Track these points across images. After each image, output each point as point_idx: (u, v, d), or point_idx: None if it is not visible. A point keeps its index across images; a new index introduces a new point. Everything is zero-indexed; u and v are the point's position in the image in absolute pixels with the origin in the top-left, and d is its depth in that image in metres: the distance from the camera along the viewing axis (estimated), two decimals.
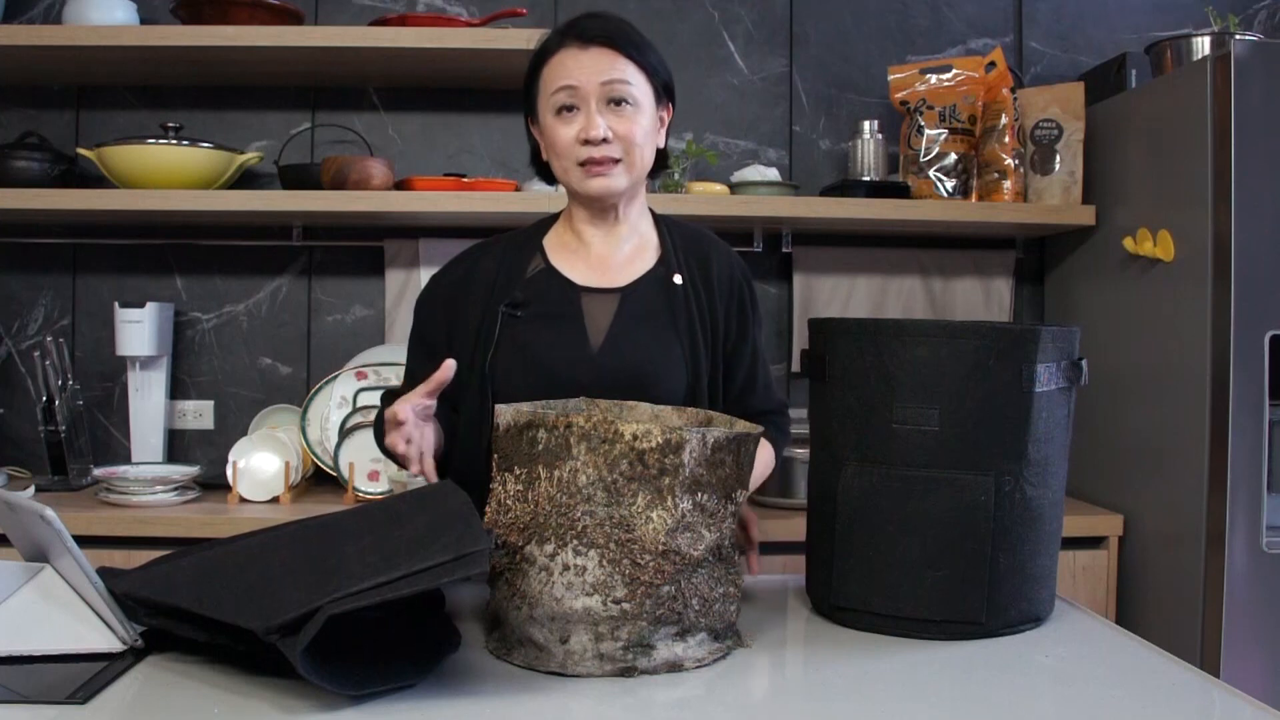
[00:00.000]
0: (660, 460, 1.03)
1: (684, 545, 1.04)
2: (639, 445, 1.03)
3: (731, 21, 2.67)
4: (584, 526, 1.03)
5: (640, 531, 1.02)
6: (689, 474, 1.04)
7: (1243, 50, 1.98)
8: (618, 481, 1.03)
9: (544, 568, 1.04)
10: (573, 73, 1.39)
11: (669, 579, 1.03)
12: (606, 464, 1.03)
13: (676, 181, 2.44)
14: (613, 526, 1.02)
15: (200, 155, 2.32)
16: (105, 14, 2.32)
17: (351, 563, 0.98)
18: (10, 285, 2.59)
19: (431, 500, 1.14)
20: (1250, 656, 1.98)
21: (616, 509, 1.03)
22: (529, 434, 1.07)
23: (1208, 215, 2.03)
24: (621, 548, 1.02)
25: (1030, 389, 1.18)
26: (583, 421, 1.04)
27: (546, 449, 1.05)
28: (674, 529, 1.03)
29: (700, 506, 1.05)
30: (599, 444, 1.03)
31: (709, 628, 1.09)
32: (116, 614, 1.01)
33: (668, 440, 1.03)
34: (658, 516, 1.03)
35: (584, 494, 1.03)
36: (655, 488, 1.03)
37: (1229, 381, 1.97)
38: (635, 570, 1.02)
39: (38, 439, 2.40)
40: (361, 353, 2.53)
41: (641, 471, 1.03)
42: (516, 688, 1.01)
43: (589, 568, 1.02)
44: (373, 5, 2.60)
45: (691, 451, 1.04)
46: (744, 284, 1.54)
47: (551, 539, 1.04)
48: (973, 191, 2.48)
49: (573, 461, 1.04)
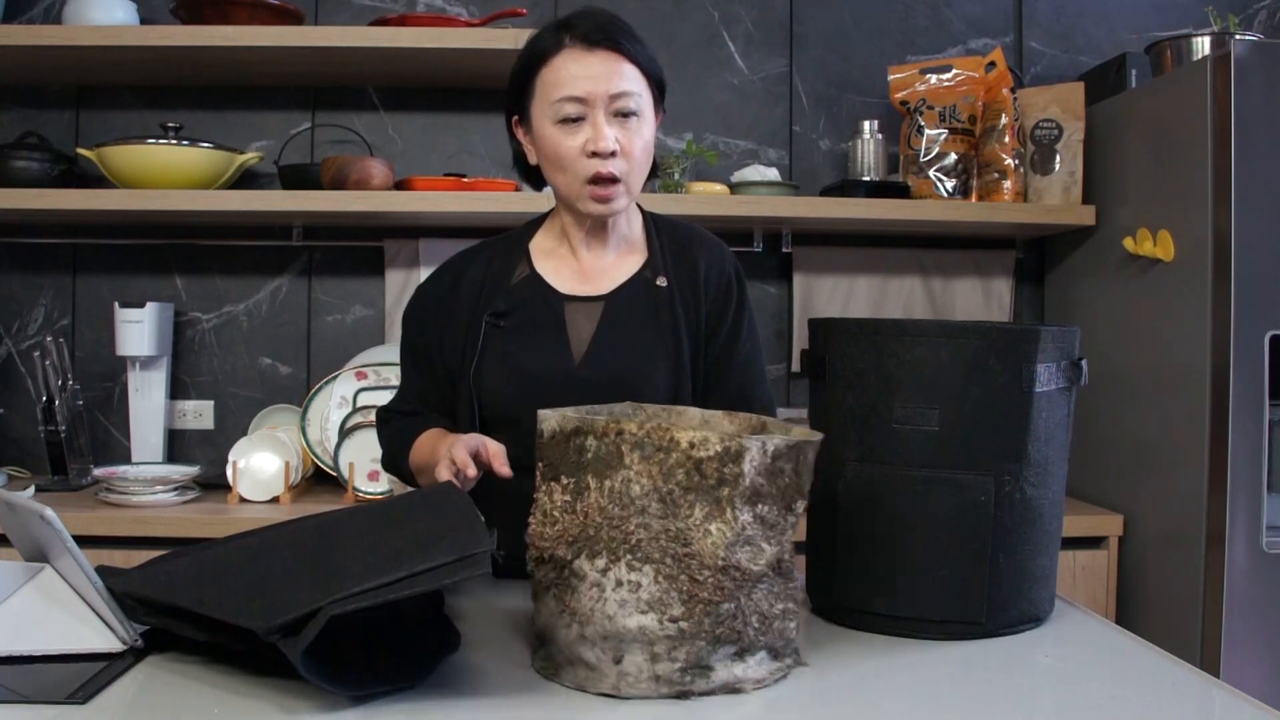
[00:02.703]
0: (719, 470, 0.97)
1: (744, 560, 0.98)
2: (696, 454, 0.97)
3: (731, 21, 2.67)
4: (638, 540, 0.97)
5: (698, 545, 0.97)
6: (749, 484, 0.98)
7: (1243, 50, 1.98)
8: (673, 492, 0.97)
9: (595, 583, 0.98)
10: (580, 82, 1.34)
11: (728, 596, 0.98)
12: (661, 473, 0.97)
13: (676, 181, 2.44)
14: (669, 540, 0.97)
15: (200, 155, 2.32)
16: (105, 14, 2.32)
17: (353, 563, 0.98)
18: (10, 285, 2.59)
19: (433, 501, 1.13)
20: (1250, 656, 1.98)
21: (672, 521, 0.97)
22: (576, 441, 1.01)
23: (1208, 215, 2.03)
24: (678, 563, 0.97)
25: (1030, 389, 1.18)
26: (635, 428, 0.98)
27: (596, 457, 1.00)
28: (734, 543, 0.97)
29: (760, 518, 0.99)
30: (653, 452, 0.98)
31: (769, 646, 1.03)
32: (116, 614, 1.01)
33: (727, 448, 0.96)
34: (716, 529, 0.97)
35: (637, 505, 0.97)
36: (714, 499, 0.97)
37: (1229, 381, 1.97)
38: (693, 587, 0.96)
39: (38, 439, 2.40)
40: (361, 353, 2.53)
41: (699, 482, 0.97)
42: (518, 689, 1.01)
43: (644, 584, 0.97)
44: (373, 5, 2.60)
45: (752, 460, 0.97)
46: (734, 282, 1.50)
47: (603, 553, 0.98)
48: (973, 191, 2.48)
49: (625, 471, 0.98)
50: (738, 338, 1.49)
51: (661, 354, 1.41)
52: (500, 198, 2.34)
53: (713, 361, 1.47)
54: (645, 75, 1.39)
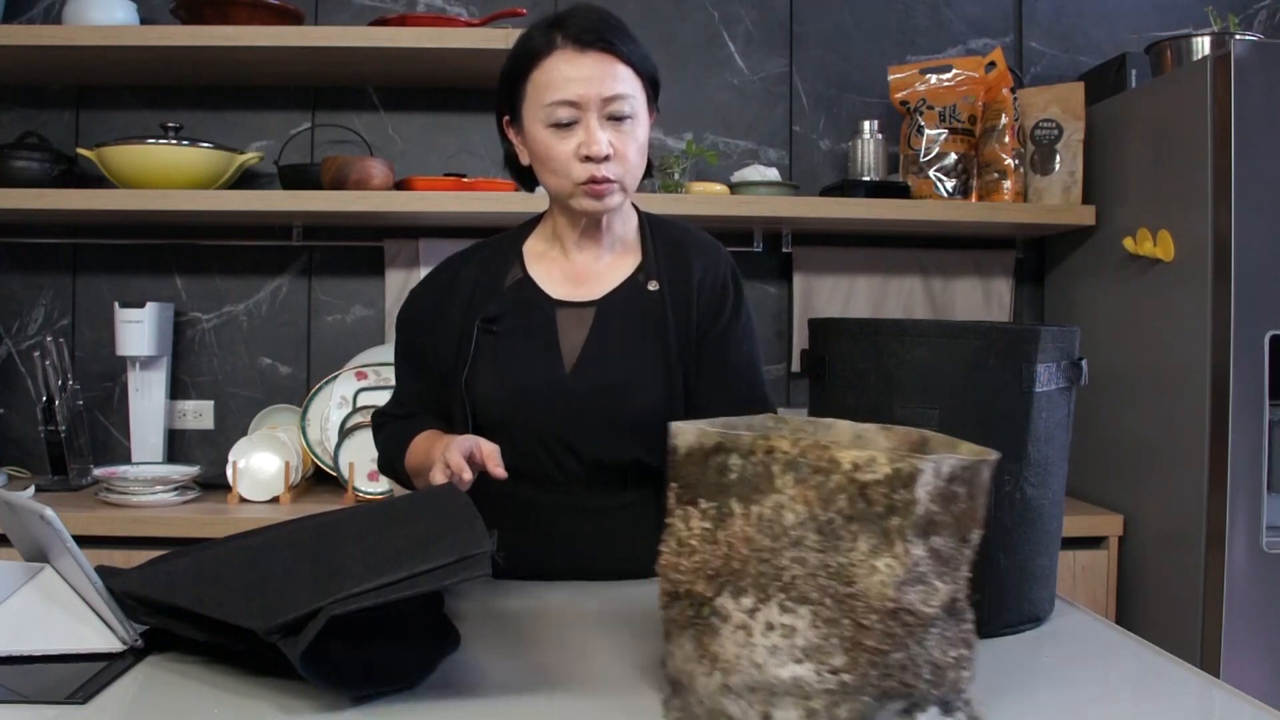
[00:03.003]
0: (888, 495, 0.83)
1: (916, 601, 0.84)
2: (861, 476, 0.83)
3: (731, 21, 2.67)
4: (793, 577, 0.85)
5: (863, 584, 0.83)
6: (923, 512, 0.83)
7: (1243, 50, 1.98)
8: (834, 521, 0.84)
9: (741, 625, 0.87)
10: (572, 85, 1.31)
11: (898, 643, 0.84)
12: (820, 499, 0.85)
13: (676, 181, 2.44)
14: (828, 577, 0.84)
15: (200, 155, 2.32)
16: (105, 14, 2.32)
17: (353, 563, 0.98)
18: (10, 285, 2.59)
19: (433, 501, 1.13)
20: (1250, 656, 1.98)
21: (833, 555, 0.84)
22: (717, 460, 0.90)
23: (1208, 215, 2.03)
24: (840, 604, 0.83)
25: (1030, 389, 1.18)
26: (788, 446, 0.86)
27: (742, 479, 0.88)
28: (905, 581, 0.83)
29: (935, 552, 0.85)
30: (810, 474, 0.85)
31: (941, 700, 0.90)
32: (116, 614, 1.01)
33: (897, 470, 0.83)
34: (885, 565, 0.83)
35: (791, 536, 0.85)
36: (881, 529, 0.83)
37: (1229, 381, 1.97)
38: (857, 633, 0.83)
39: (38, 439, 2.40)
40: (361, 353, 2.53)
41: (864, 510, 0.83)
42: (519, 690, 1.01)
43: (799, 628, 0.84)
44: (373, 5, 2.60)
45: (925, 484, 0.83)
46: (729, 284, 1.47)
47: (751, 590, 0.86)
48: (973, 191, 2.48)
49: (777, 495, 0.86)
50: (734, 339, 1.46)
51: (653, 362, 1.39)
52: (500, 198, 2.34)
53: (709, 363, 1.44)
54: (639, 75, 1.36)
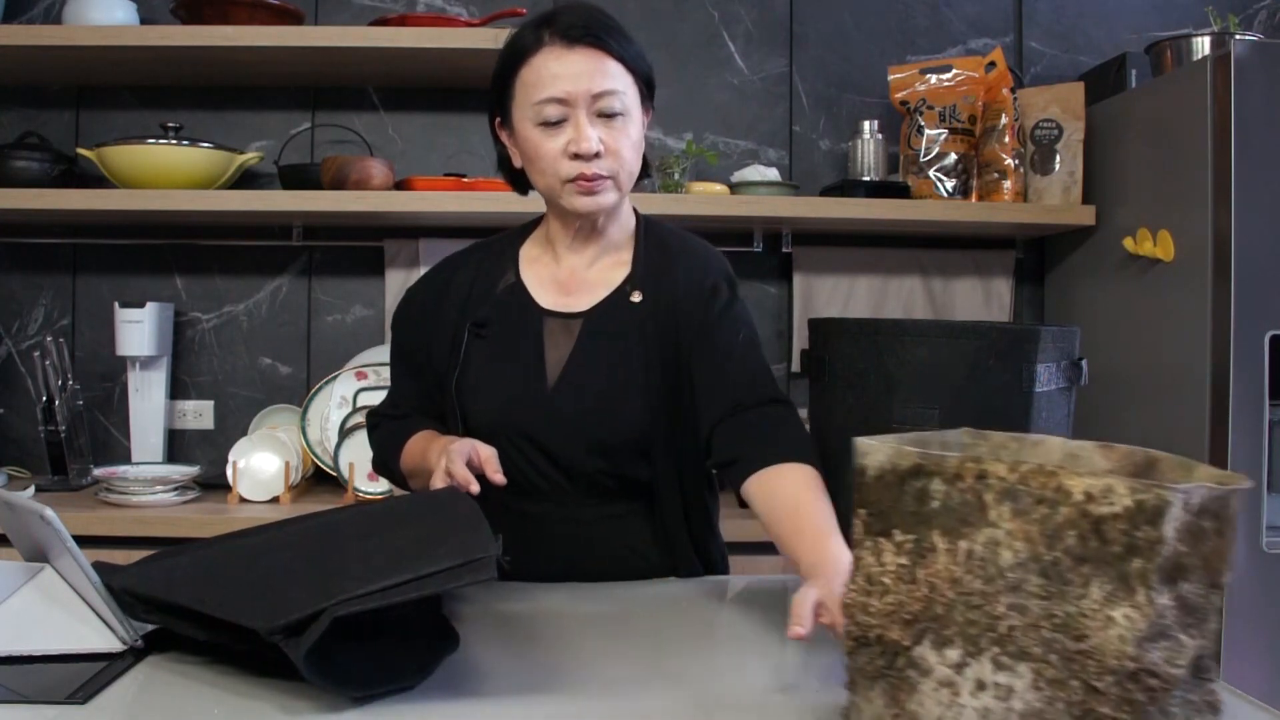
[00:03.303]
0: (1128, 533, 0.69)
1: (1160, 660, 0.70)
2: (1095, 510, 0.70)
3: (731, 21, 2.67)
4: (1010, 627, 0.73)
5: (1097, 639, 0.70)
6: (1170, 552, 0.70)
7: (1243, 50, 1.98)
8: (1061, 563, 0.71)
9: (945, 681, 0.75)
10: (560, 82, 1.28)
11: (1138, 711, 0.70)
12: (1044, 536, 0.72)
13: (676, 181, 2.44)
14: (1054, 629, 0.71)
15: (200, 155, 2.32)
16: (105, 14, 2.32)
17: (356, 564, 0.98)
18: (10, 285, 2.59)
19: (436, 504, 1.13)
20: (1250, 656, 1.98)
21: (1060, 604, 0.71)
22: (915, 485, 0.78)
23: (1208, 215, 2.03)
24: (1068, 662, 0.71)
25: (1030, 389, 1.18)
26: (1004, 471, 0.74)
27: (946, 508, 0.76)
28: (1147, 636, 0.69)
29: (1182, 601, 0.71)
30: (1031, 505, 0.72)
31: None
32: (116, 614, 1.01)
33: (1140, 503, 0.69)
34: (1124, 617, 0.70)
35: (1009, 579, 0.73)
36: (1119, 573, 0.70)
37: (1229, 381, 1.97)
38: (1089, 697, 0.70)
39: (38, 439, 2.40)
40: (361, 353, 2.53)
41: (1098, 549, 0.70)
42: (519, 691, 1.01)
43: (1017, 689, 0.72)
44: (373, 5, 2.60)
45: (1173, 520, 0.69)
46: (718, 287, 1.41)
47: (957, 641, 0.75)
48: (973, 191, 2.48)
49: (990, 529, 0.74)
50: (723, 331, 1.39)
51: (635, 378, 1.36)
52: (500, 198, 2.34)
53: (701, 361, 1.38)
54: (630, 71, 1.32)
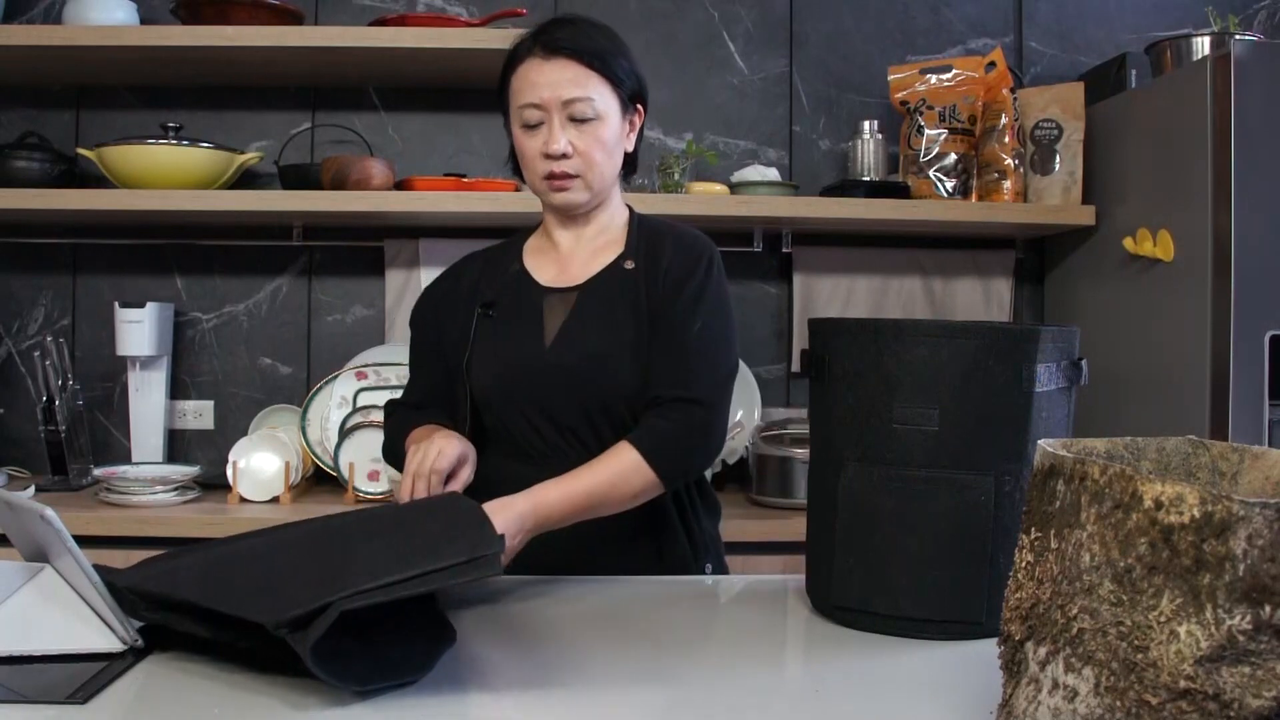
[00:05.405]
0: (1196, 545, 0.64)
1: (1229, 686, 0.64)
2: (1165, 518, 0.66)
3: (731, 21, 2.67)
4: (1080, 630, 0.70)
5: (1157, 652, 0.65)
6: (1245, 570, 0.63)
7: (1243, 50, 1.98)
8: (1134, 570, 0.67)
9: (1033, 678, 0.75)
10: (537, 89, 1.43)
11: None
12: (1118, 540, 0.68)
13: (676, 181, 2.44)
14: (1119, 636, 0.68)
15: (200, 155, 2.32)
16: (105, 14, 2.32)
17: (363, 562, 0.99)
18: (10, 285, 2.59)
19: (440, 507, 1.16)
20: None
21: (1129, 612, 0.67)
22: (1050, 485, 0.77)
23: (1208, 215, 2.03)
24: (1129, 671, 0.67)
25: (1030, 389, 1.18)
26: (1098, 473, 0.71)
27: (1062, 508, 0.74)
28: (1211, 656, 0.64)
29: (1265, 625, 0.64)
30: (1111, 509, 0.69)
31: None
32: (116, 614, 1.01)
33: (1207, 514, 0.64)
34: (1187, 633, 0.64)
35: (1085, 581, 0.70)
36: (1189, 587, 0.65)
37: (1229, 381, 1.97)
38: (1141, 710, 0.66)
39: (38, 439, 2.40)
40: (361, 353, 2.53)
41: (1168, 559, 0.66)
42: (522, 684, 1.01)
43: (1081, 691, 0.70)
44: (373, 5, 2.60)
45: (1253, 535, 0.63)
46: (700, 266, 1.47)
47: (1047, 639, 0.74)
48: (973, 191, 2.48)
49: (1079, 531, 0.72)
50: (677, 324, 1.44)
51: (627, 336, 1.45)
52: (500, 198, 2.34)
53: (656, 339, 1.44)
54: (606, 80, 1.44)
